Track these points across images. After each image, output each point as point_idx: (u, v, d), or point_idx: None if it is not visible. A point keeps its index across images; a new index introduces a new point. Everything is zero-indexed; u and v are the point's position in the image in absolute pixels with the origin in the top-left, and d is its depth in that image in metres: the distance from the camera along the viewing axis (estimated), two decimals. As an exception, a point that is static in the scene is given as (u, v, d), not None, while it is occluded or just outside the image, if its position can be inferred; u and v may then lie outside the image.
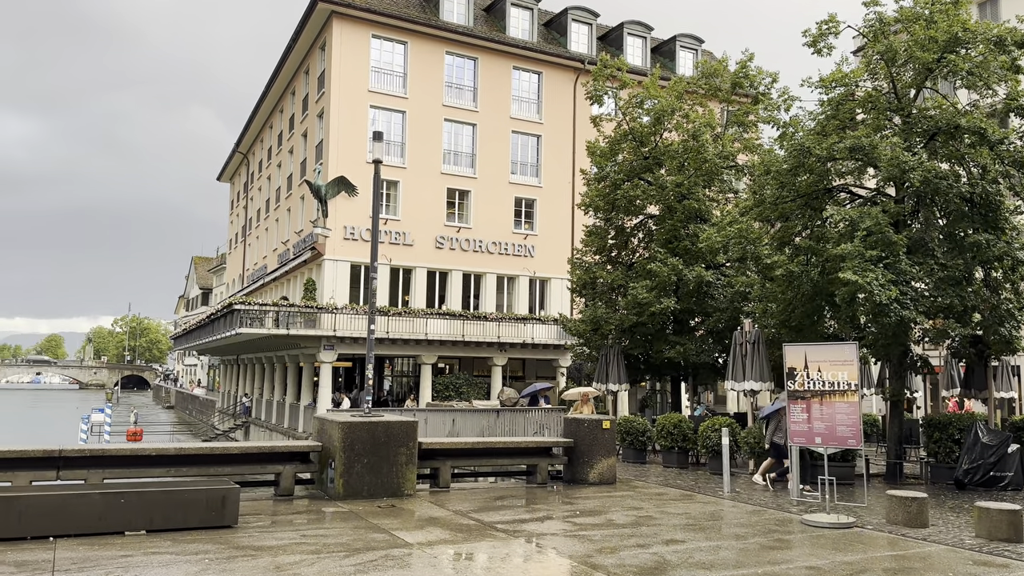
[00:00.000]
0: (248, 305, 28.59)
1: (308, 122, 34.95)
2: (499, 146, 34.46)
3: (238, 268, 53.16)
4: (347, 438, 10.34)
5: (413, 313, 30.65)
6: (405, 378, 35.39)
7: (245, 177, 52.28)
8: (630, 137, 21.87)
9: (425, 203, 32.61)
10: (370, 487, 10.39)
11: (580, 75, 34.91)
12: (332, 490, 10.34)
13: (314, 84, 34.36)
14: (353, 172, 27.93)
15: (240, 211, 53.50)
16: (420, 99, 32.74)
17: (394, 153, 32.03)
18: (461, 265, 33.37)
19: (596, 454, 12.57)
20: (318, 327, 28.68)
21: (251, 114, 45.51)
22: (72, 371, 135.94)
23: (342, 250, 30.74)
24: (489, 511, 9.80)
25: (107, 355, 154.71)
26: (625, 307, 20.31)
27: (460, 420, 17.20)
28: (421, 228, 32.48)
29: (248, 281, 46.41)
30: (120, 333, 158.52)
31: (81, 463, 9.06)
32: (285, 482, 10.32)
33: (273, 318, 28.05)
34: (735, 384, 15.76)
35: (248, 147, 50.29)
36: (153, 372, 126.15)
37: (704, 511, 10.46)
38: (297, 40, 34.25)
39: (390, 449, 10.63)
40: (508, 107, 34.72)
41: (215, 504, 8.10)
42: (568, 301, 31.00)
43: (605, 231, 22.35)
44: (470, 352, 32.32)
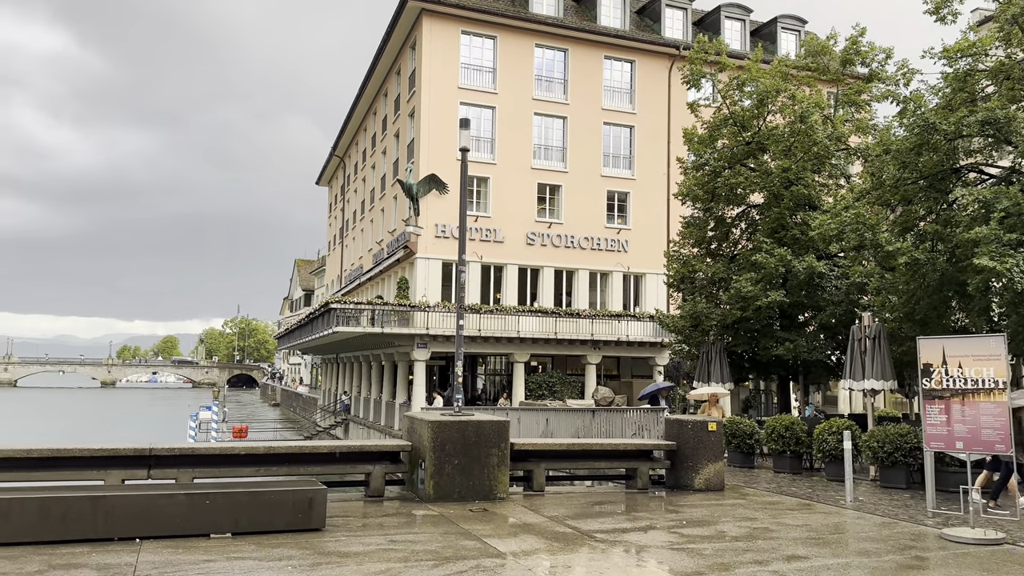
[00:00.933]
0: (344, 304, 28.94)
1: (400, 122, 35.17)
2: (590, 139, 33.66)
3: (336, 269, 54.40)
4: (437, 438, 9.91)
5: (504, 311, 30.27)
6: (497, 377, 35.10)
7: (342, 180, 53.43)
8: (730, 122, 20.74)
9: (515, 199, 32.20)
10: (461, 489, 9.92)
11: (675, 62, 33.73)
12: (423, 492, 9.93)
13: (405, 84, 34.53)
14: (444, 170, 27.79)
15: (338, 213, 54.72)
16: (509, 94, 32.35)
17: (483, 149, 31.77)
18: (553, 261, 32.78)
19: (702, 458, 11.69)
20: (411, 325, 28.72)
21: (346, 118, 46.40)
22: (186, 370, 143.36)
23: (434, 248, 30.71)
24: (586, 518, 9.15)
25: (218, 355, 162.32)
26: (728, 301, 19.22)
27: (554, 420, 16.59)
28: (511, 225, 32.08)
29: (345, 281, 47.36)
30: (230, 334, 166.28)
31: (171, 462, 8.95)
32: (375, 483, 9.97)
33: (368, 317, 28.26)
34: (854, 383, 14.56)
35: (344, 150, 51.34)
36: (261, 371, 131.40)
37: (826, 523, 9.46)
38: (388, 41, 34.51)
39: (481, 450, 10.14)
40: (600, 98, 33.89)
41: (302, 506, 7.78)
42: (664, 297, 29.88)
43: (704, 222, 21.28)
44: (563, 350, 31.69)
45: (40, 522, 6.81)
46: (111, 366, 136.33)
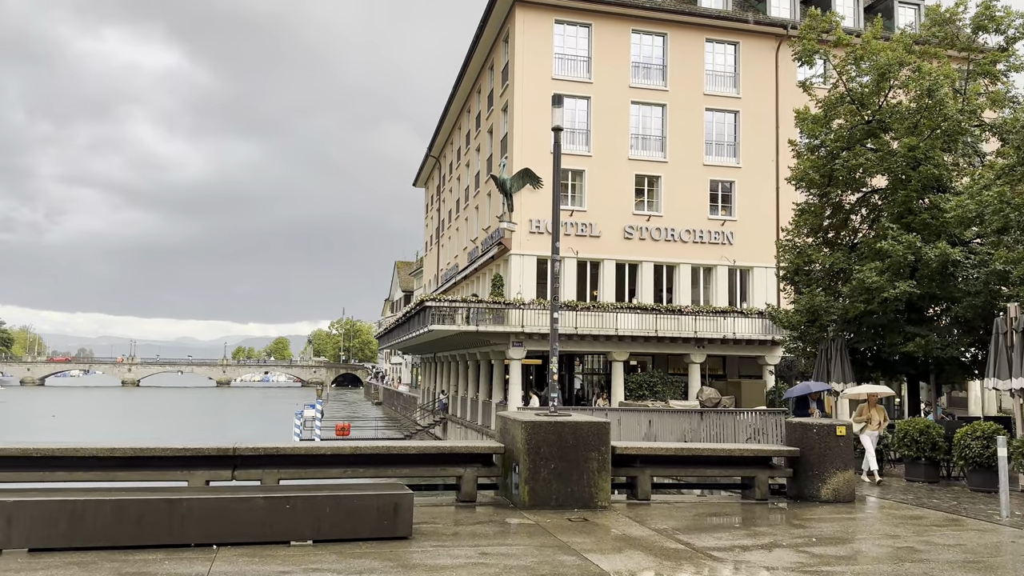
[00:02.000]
0: (438, 302, 28.69)
1: (493, 118, 34.74)
2: (692, 126, 32.20)
3: (433, 269, 54.73)
4: (531, 440, 9.14)
5: (601, 308, 29.27)
6: (595, 376, 34.11)
7: (437, 180, 53.70)
8: (847, 100, 19.07)
9: (612, 192, 31.14)
10: (558, 496, 9.12)
11: (782, 42, 31.80)
12: (517, 498, 9.19)
13: (498, 78, 34.07)
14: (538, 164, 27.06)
15: (434, 214, 55.04)
16: (605, 83, 31.34)
17: (578, 141, 30.89)
18: (652, 256, 31.51)
19: (829, 466, 10.45)
20: (506, 323, 28.15)
21: (440, 118, 46.47)
22: (295, 370, 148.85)
23: (528, 244, 30.06)
24: (700, 532, 8.17)
25: (326, 355, 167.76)
26: (849, 294, 17.62)
27: (657, 422, 15.52)
28: (608, 218, 31.04)
29: (442, 281, 47.47)
30: (336, 335, 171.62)
31: (256, 462, 8.55)
32: (466, 487, 9.31)
33: (463, 315, 27.90)
34: (998, 382, 12.93)
35: (439, 151, 51.53)
36: (365, 370, 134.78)
37: (983, 542, 8.13)
38: (480, 36, 34.14)
39: (579, 453, 9.30)
40: (701, 83, 32.39)
41: (387, 512, 7.18)
42: (774, 291, 28.16)
43: (820, 208, 19.67)
44: (664, 348, 30.38)
45: (115, 525, 6.46)
46: (225, 366, 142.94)
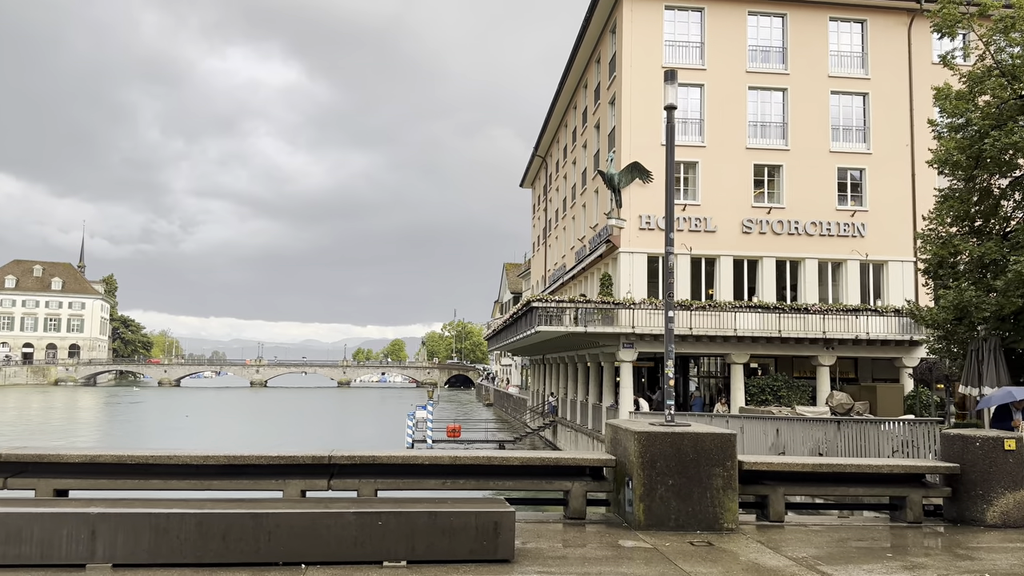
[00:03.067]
0: (544, 303, 27.97)
1: (600, 112, 33.78)
2: (815, 111, 30.11)
3: (541, 270, 54.21)
4: (645, 452, 8.24)
5: (719, 307, 27.72)
6: (713, 379, 32.48)
7: (544, 180, 53.16)
8: (996, 73, 17.00)
9: (728, 183, 29.50)
10: (678, 516, 8.17)
11: (915, 17, 29.22)
12: (631, 516, 8.32)
13: (605, 71, 33.08)
14: (647, 157, 25.97)
15: (540, 214, 54.54)
16: (720, 69, 29.77)
17: (691, 132, 29.46)
18: (773, 251, 29.63)
19: (996, 485, 8.98)
20: (615, 324, 27.11)
21: (546, 116, 45.89)
22: (410, 371, 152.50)
23: (638, 241, 28.89)
24: (845, 562, 7.05)
25: (438, 356, 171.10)
26: (1003, 288, 15.62)
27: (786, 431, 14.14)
28: (725, 212, 29.43)
29: (549, 281, 46.84)
30: (448, 337, 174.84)
31: (352, 471, 8.09)
32: (575, 503, 8.52)
33: (571, 316, 27.08)
34: None
35: (545, 150, 50.96)
36: (476, 372, 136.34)
37: None
38: (586, 29, 33.26)
39: (701, 468, 8.32)
40: (825, 65, 30.24)
41: (486, 532, 6.50)
42: (913, 286, 25.81)
43: (966, 194, 17.64)
44: (788, 350, 28.46)
45: (200, 541, 6.08)
46: (346, 367, 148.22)
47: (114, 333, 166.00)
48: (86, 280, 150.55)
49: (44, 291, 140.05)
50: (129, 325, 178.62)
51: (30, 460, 7.28)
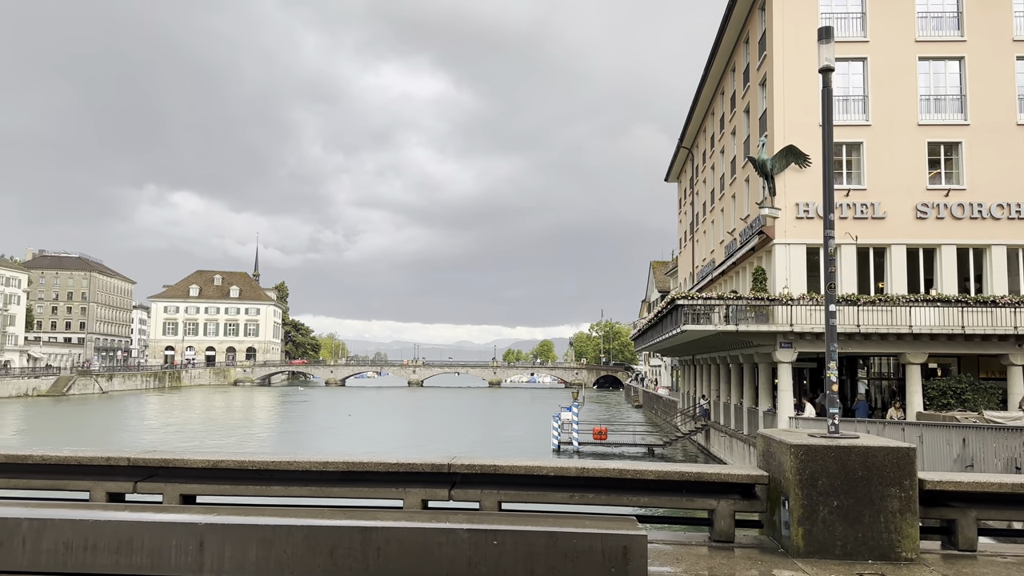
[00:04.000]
0: (691, 300, 26.49)
1: (750, 95, 31.79)
2: (999, 80, 26.76)
3: (688, 266, 52.19)
4: (804, 469, 7.15)
5: (890, 301, 25.14)
6: (884, 381, 29.64)
7: (690, 173, 51.15)
8: None
9: (898, 165, 26.76)
10: (844, 542, 7.03)
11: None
12: (787, 541, 7.25)
13: (754, 51, 31.08)
14: (803, 140, 24.00)
15: (687, 208, 52.54)
16: (884, 39, 27.09)
17: (852, 110, 27.00)
18: (952, 238, 26.57)
19: None
20: (771, 322, 25.23)
21: (691, 106, 44.03)
22: (558, 372, 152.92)
23: (794, 232, 26.78)
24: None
25: (586, 357, 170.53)
26: None
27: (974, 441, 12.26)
28: (894, 196, 26.70)
29: (697, 278, 44.88)
30: (596, 337, 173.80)
31: (474, 481, 7.58)
32: (721, 523, 7.55)
33: (721, 314, 25.47)
34: None
35: (691, 141, 48.97)
36: (625, 372, 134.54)
37: None
38: (732, 9, 31.44)
39: (872, 488, 7.13)
40: (1009, 27, 26.80)
41: (614, 557, 5.75)
42: None
43: None
44: (973, 348, 25.36)
45: (306, 556, 5.74)
46: (496, 368, 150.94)
47: (286, 336, 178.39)
48: (260, 288, 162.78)
49: (223, 298, 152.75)
50: (299, 329, 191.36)
51: (157, 465, 7.31)
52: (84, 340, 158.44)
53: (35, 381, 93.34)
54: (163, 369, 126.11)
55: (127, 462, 7.24)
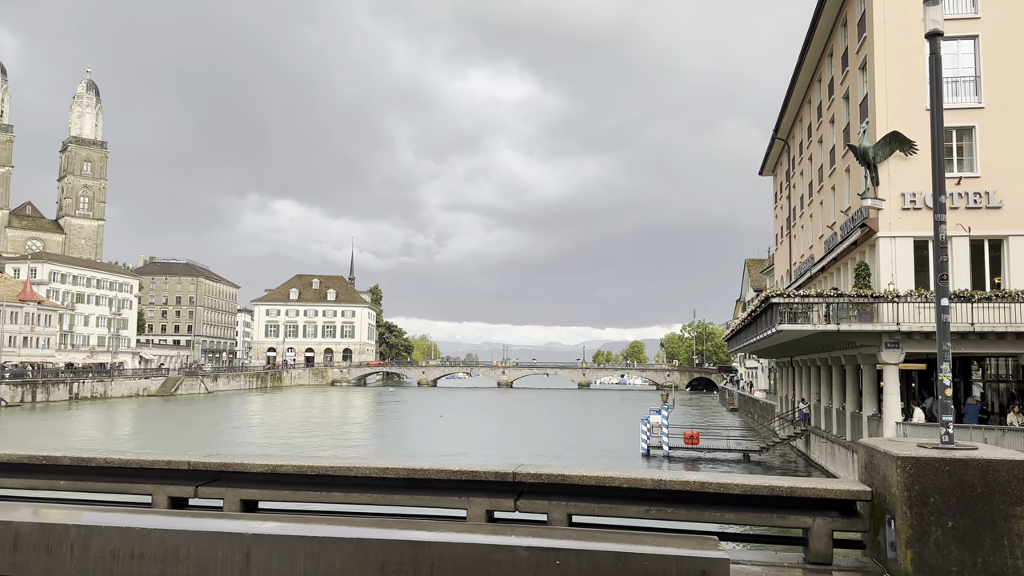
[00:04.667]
0: (787, 298, 25.08)
1: (848, 80, 29.99)
2: None
3: (785, 264, 50.00)
4: (913, 484, 6.33)
5: (1010, 297, 23.10)
6: (1002, 384, 27.35)
7: (786, 165, 48.97)
8: None
9: (1016, 150, 24.64)
10: (961, 568, 6.18)
11: None
12: (895, 565, 6.44)
13: (853, 34, 29.30)
14: (907, 126, 22.44)
15: (783, 203, 50.34)
16: (999, 14, 24.99)
17: (963, 92, 25.00)
18: (1083, 226, 24.21)
19: None
20: (876, 320, 23.61)
21: (785, 96, 42.09)
22: (649, 373, 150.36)
23: (900, 224, 24.99)
24: None
25: (678, 359, 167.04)
26: None
27: (1116, 452, 10.82)
28: (1012, 183, 24.60)
29: (795, 276, 42.84)
30: (688, 338, 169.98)
31: (542, 491, 7.10)
32: (817, 543, 6.80)
33: (820, 313, 24.01)
34: None
35: (787, 131, 46.85)
36: (719, 375, 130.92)
37: None
38: (827, -8, 29.71)
39: (995, 507, 6.25)
40: None
41: (692, 582, 5.13)
42: None
43: None
44: (1108, 348, 23.00)
45: (356, 570, 5.38)
46: (585, 369, 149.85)
47: (380, 338, 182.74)
48: (356, 291, 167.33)
49: (321, 301, 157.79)
50: (393, 330, 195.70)
51: (218, 469, 7.17)
52: (192, 342, 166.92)
53: (145, 382, 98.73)
54: (265, 370, 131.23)
55: (187, 466, 7.12)
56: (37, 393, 77.61)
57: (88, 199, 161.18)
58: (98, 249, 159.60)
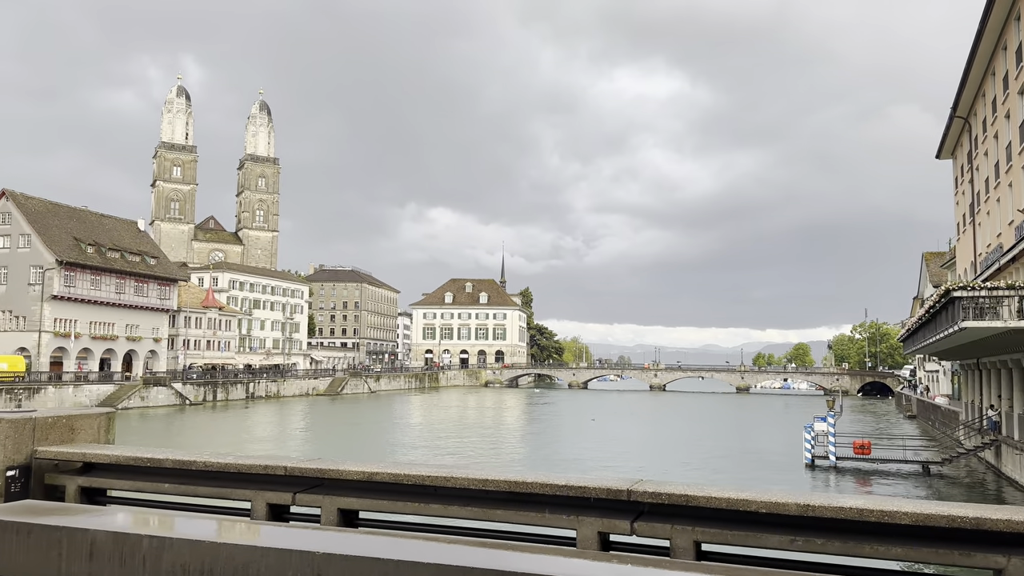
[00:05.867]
0: (972, 291, 22.05)
1: (1042, 44, 26.21)
2: None
3: (968, 255, 44.86)
4: None
5: None
6: None
7: (967, 146, 43.95)
8: None
9: None
10: None
11: None
12: None
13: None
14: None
15: (965, 188, 45.22)
16: None
17: None
18: None
19: None
20: (1084, 316, 20.26)
21: (965, 67, 37.73)
22: (815, 377, 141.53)
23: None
24: None
25: (848, 362, 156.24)
26: None
27: None
28: None
29: (980, 268, 38.24)
30: (860, 340, 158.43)
31: (662, 512, 6.16)
32: (1012, 588, 5.38)
33: (1012, 307, 20.94)
34: None
35: (967, 108, 42.03)
36: (895, 379, 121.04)
37: None
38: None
39: None
40: None
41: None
42: None
43: None
44: None
45: (433, 599, 4.72)
46: (744, 372, 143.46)
47: (531, 340, 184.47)
48: (507, 294, 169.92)
49: (474, 304, 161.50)
50: (543, 332, 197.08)
51: (314, 476, 6.80)
52: (357, 344, 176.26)
53: (314, 382, 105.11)
54: (423, 371, 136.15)
55: (284, 471, 6.79)
56: (217, 392, 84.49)
57: (263, 212, 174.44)
58: (272, 258, 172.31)
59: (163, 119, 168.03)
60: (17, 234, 76.42)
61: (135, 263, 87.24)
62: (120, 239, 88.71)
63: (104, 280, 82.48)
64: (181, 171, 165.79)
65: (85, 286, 79.65)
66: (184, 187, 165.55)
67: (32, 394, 63.45)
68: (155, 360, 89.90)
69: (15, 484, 7.11)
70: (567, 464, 37.15)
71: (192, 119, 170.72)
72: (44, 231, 77.06)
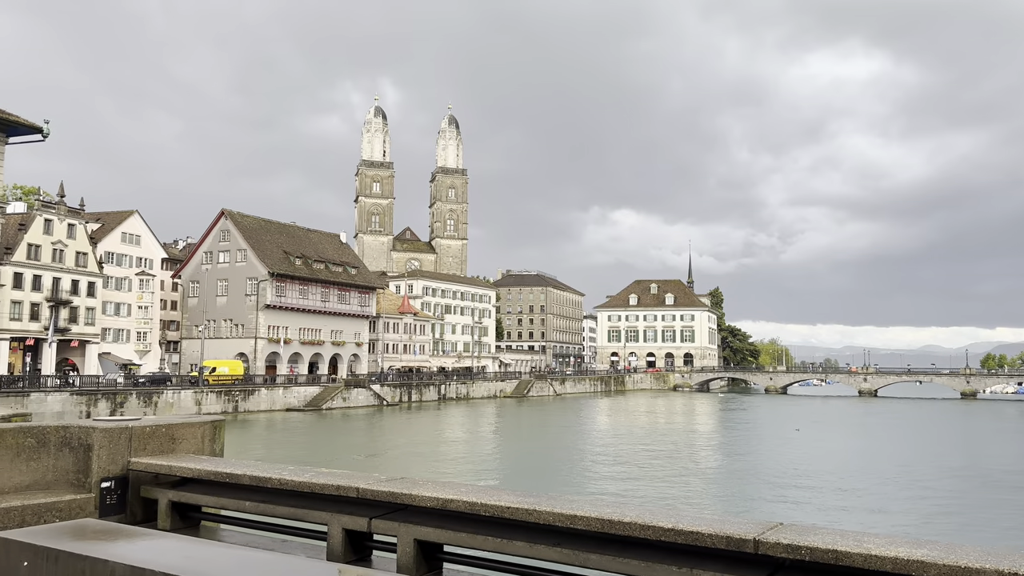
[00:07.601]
0: None
1: None
2: None
3: None
4: None
5: None
6: None
7: None
8: None
9: None
10: None
11: None
12: None
13: None
14: None
15: None
16: None
17: None
18: None
19: None
20: None
21: None
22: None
23: None
24: None
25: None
26: None
27: None
28: None
29: None
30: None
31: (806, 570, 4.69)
32: None
33: None
34: None
35: None
36: None
37: None
38: None
39: None
40: None
41: None
42: None
43: None
44: None
45: None
46: (969, 376, 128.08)
47: (723, 342, 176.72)
48: (694, 294, 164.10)
49: (659, 306, 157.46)
50: (736, 334, 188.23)
51: (386, 499, 5.96)
52: (544, 347, 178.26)
53: (501, 384, 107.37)
54: (608, 374, 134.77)
55: (356, 493, 6.01)
56: (412, 394, 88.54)
57: (453, 221, 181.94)
58: (463, 265, 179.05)
59: (363, 139, 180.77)
60: (235, 249, 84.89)
61: (338, 273, 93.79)
62: (324, 251, 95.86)
63: (311, 289, 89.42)
64: (380, 186, 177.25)
65: (294, 295, 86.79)
66: (383, 201, 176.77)
67: (247, 396, 69.82)
68: (357, 363, 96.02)
69: (111, 496, 6.92)
70: (764, 482, 33.98)
71: (389, 137, 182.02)
72: (258, 246, 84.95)
